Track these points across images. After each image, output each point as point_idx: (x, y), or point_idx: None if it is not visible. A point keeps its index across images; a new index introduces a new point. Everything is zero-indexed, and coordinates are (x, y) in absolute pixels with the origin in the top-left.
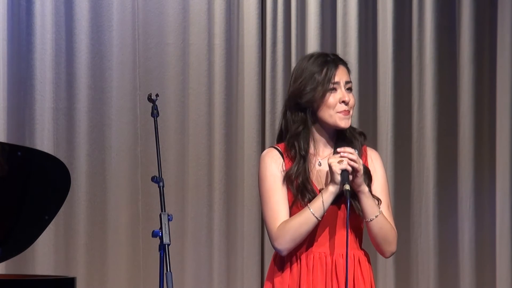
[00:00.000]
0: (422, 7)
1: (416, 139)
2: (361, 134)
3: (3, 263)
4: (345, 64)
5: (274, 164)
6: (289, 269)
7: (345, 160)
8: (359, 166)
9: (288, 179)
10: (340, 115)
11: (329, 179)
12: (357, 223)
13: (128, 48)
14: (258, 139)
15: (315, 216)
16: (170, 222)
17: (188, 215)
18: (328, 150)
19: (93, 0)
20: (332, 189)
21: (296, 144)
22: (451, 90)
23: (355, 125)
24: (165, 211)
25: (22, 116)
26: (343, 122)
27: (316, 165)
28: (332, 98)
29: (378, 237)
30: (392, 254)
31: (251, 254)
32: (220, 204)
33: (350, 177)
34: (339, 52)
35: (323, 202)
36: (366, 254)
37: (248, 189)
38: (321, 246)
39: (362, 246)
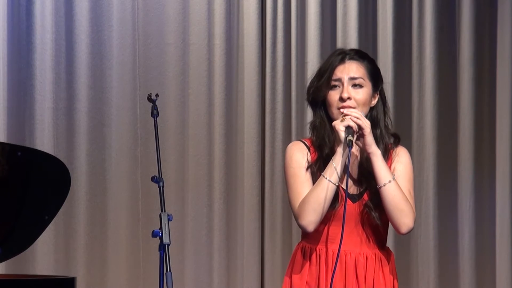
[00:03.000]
0: (422, 7)
1: (416, 139)
2: (394, 135)
3: (3, 263)
4: (358, 58)
5: (299, 153)
6: (308, 265)
7: (348, 117)
8: (364, 122)
9: (312, 174)
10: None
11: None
12: (382, 220)
13: (128, 48)
14: (258, 139)
15: (330, 181)
16: (170, 222)
17: (188, 215)
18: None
19: (93, 0)
20: (339, 149)
21: (314, 138)
22: (451, 90)
23: None
24: (165, 211)
25: (22, 116)
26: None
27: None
28: (332, 96)
29: (391, 206)
30: (409, 230)
31: (251, 254)
32: (220, 204)
33: (356, 136)
34: None
35: (334, 165)
36: (389, 254)
37: (248, 189)
38: (342, 244)
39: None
